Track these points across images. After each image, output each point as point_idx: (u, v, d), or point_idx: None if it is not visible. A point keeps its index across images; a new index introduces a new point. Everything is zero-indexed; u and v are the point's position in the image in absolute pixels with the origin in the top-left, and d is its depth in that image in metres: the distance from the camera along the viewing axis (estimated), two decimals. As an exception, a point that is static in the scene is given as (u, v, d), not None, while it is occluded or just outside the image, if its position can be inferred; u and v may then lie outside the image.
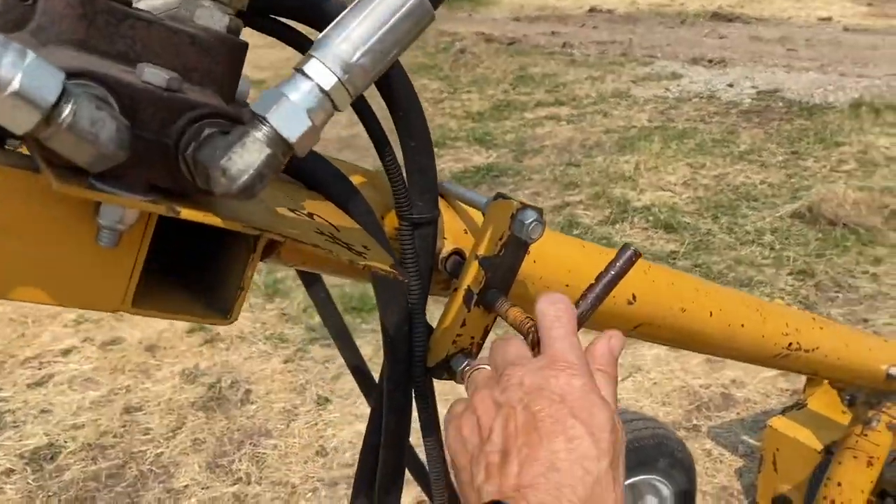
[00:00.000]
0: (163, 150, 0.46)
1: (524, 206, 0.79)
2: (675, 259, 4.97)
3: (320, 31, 0.53)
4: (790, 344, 1.41)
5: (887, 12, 15.20)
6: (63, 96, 0.38)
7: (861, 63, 10.62)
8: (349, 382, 3.81)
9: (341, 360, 4.23)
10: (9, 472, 3.32)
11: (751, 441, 3.29)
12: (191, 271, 0.60)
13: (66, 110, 0.38)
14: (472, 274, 0.82)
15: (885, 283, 4.56)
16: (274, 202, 0.61)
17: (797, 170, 6.48)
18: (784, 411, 2.73)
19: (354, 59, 0.47)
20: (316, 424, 3.54)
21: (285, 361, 4.02)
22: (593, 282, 0.77)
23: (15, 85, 0.36)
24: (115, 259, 0.50)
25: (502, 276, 0.82)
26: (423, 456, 0.96)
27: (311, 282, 1.20)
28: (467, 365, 0.84)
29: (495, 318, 0.85)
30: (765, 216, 5.55)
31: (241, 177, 0.44)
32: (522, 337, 0.78)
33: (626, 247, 0.77)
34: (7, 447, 3.48)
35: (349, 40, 0.46)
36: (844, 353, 1.56)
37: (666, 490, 2.37)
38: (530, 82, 10.43)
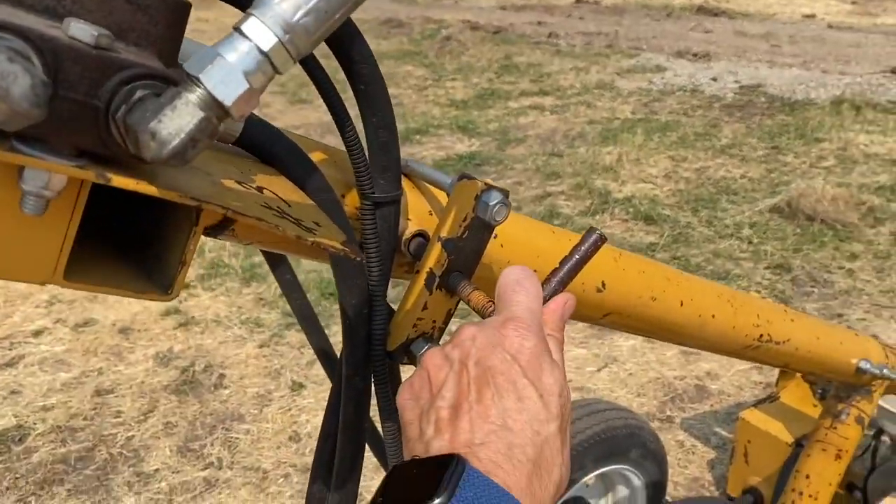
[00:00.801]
0: (92, 113, 0.43)
1: (489, 187, 0.77)
2: (654, 251, 4.97)
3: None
4: (761, 335, 1.41)
5: (871, 10, 15.30)
6: (-27, 55, 0.36)
7: (844, 60, 10.68)
8: (324, 368, 3.79)
9: (316, 346, 4.19)
10: (-24, 453, 3.27)
11: (723, 433, 3.31)
12: (132, 245, 0.58)
13: (-27, 68, 0.36)
14: (434, 256, 0.80)
15: (861, 278, 4.59)
16: (223, 175, 0.59)
17: (777, 165, 6.51)
18: (756, 404, 2.74)
19: (296, 18, 0.44)
20: (290, 410, 3.51)
21: (260, 346, 3.99)
22: (557, 266, 0.75)
23: None
24: (43, 228, 0.47)
25: (465, 259, 0.80)
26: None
27: (277, 263, 1.17)
28: (428, 349, 0.82)
29: (458, 302, 0.83)
30: (744, 210, 5.57)
31: (171, 141, 0.41)
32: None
33: (591, 230, 0.75)
34: (-25, 428, 3.42)
35: (290, -1, 0.44)
36: (815, 346, 1.56)
37: (637, 480, 2.36)
38: (515, 71, 10.40)
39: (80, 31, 0.41)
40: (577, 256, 0.74)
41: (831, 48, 11.64)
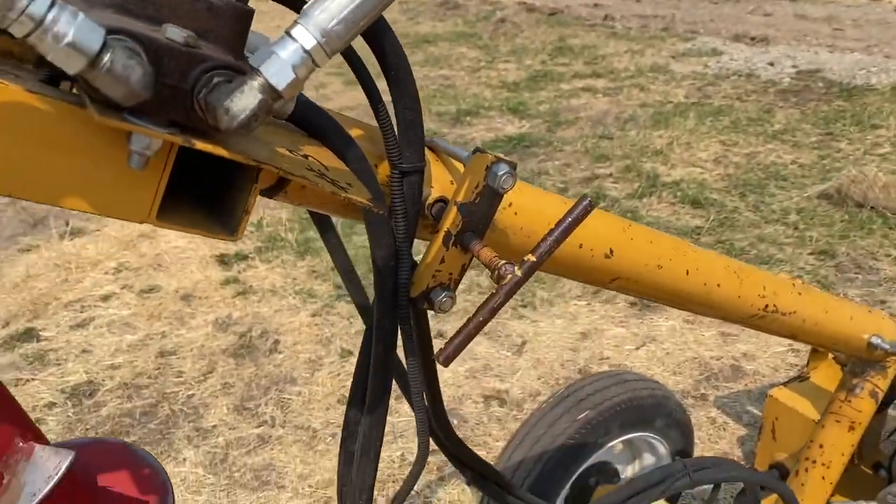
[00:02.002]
0: (182, 94, 0.59)
1: (498, 160, 0.91)
2: (698, 234, 5.02)
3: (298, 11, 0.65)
4: (766, 306, 1.52)
5: (943, -7, 14.75)
6: (104, 47, 0.52)
7: (909, 45, 10.39)
8: (371, 338, 3.98)
9: (364, 316, 4.36)
10: (51, 405, 3.56)
11: (755, 411, 3.39)
12: (208, 198, 0.74)
13: (106, 58, 0.52)
14: (451, 218, 0.94)
15: (907, 267, 4.57)
16: (277, 144, 0.74)
17: (830, 151, 6.44)
18: (786, 383, 2.82)
19: (330, 25, 0.59)
20: (339, 375, 3.71)
21: (313, 315, 4.20)
22: (553, 227, 0.89)
23: (69, 37, 0.49)
24: (144, 179, 0.63)
25: (477, 221, 0.94)
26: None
27: (325, 228, 1.33)
28: (445, 297, 0.97)
29: (471, 258, 0.97)
30: (792, 196, 5.56)
31: (239, 115, 0.57)
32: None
33: (583, 197, 0.89)
34: (49, 382, 3.72)
35: (327, 11, 0.59)
36: (823, 319, 1.65)
37: (662, 448, 2.48)
38: (569, 53, 10.41)
39: (174, 33, 0.57)
40: (569, 219, 0.88)
41: (897, 32, 11.32)
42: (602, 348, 3.87)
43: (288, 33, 0.60)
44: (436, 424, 1.23)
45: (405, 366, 1.04)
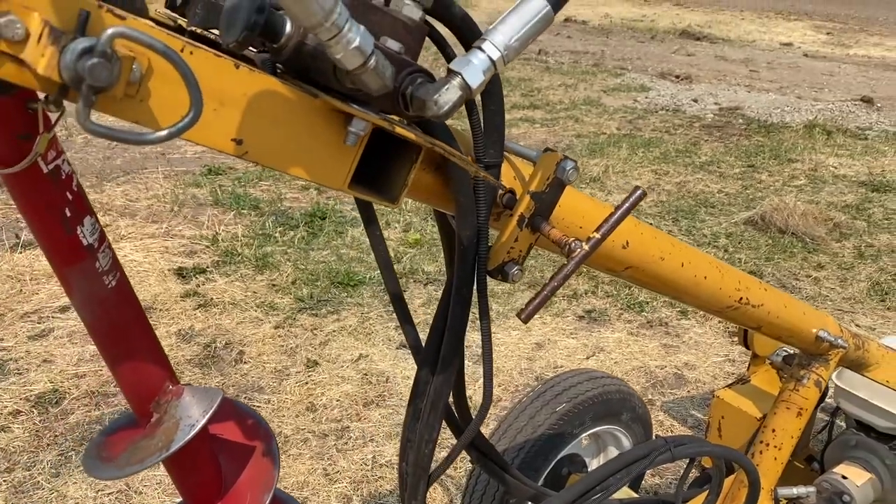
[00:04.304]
0: (392, 90, 0.78)
1: (565, 157, 1.13)
2: (637, 256, 5.35)
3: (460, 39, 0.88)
4: (741, 298, 1.77)
5: (844, 42, 15.97)
6: (373, 52, 0.70)
7: (817, 87, 11.24)
8: (336, 348, 4.12)
9: (329, 328, 4.52)
10: (16, 413, 3.55)
11: (698, 415, 3.68)
12: (371, 173, 0.92)
13: (372, 59, 0.70)
14: (524, 204, 1.15)
15: (825, 286, 5.02)
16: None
17: (752, 182, 6.95)
18: (730, 385, 3.11)
19: (510, 42, 0.79)
20: (306, 384, 3.83)
21: (276, 327, 4.30)
22: (612, 211, 1.10)
23: (356, 42, 0.68)
24: (347, 155, 0.81)
25: (546, 207, 1.15)
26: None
27: (370, 221, 1.50)
28: (517, 270, 1.17)
29: (537, 238, 1.18)
30: (721, 222, 5.99)
31: (446, 105, 0.76)
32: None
33: (636, 188, 1.11)
34: (13, 391, 3.70)
35: (508, 31, 0.79)
36: (783, 313, 1.93)
37: (626, 441, 2.72)
38: (507, 85, 10.80)
39: (393, 44, 0.77)
40: (626, 205, 1.10)
41: (806, 75, 12.21)
42: (556, 357, 4.12)
43: (478, 47, 0.80)
44: (456, 403, 1.41)
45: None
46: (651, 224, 5.81)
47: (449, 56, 1.00)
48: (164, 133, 0.64)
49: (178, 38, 0.70)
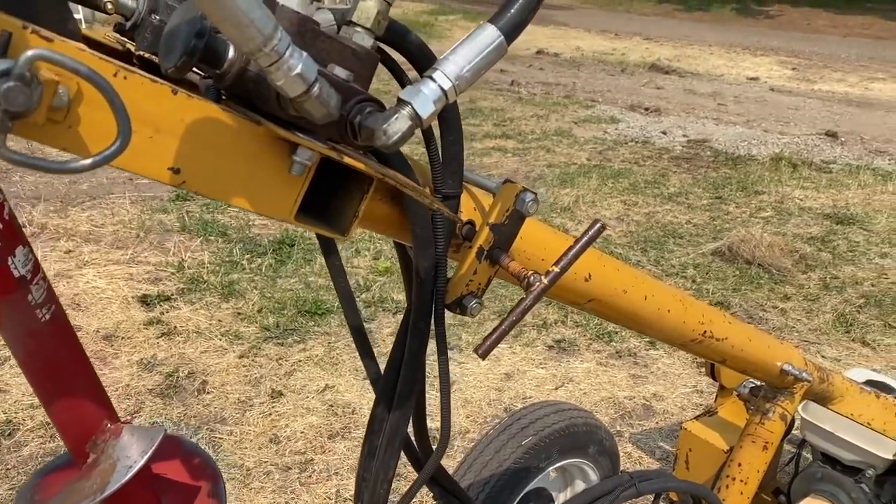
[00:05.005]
0: (340, 119, 0.75)
1: (525, 189, 1.11)
2: (607, 286, 5.36)
3: (416, 68, 0.85)
4: (705, 332, 1.76)
5: (809, 77, 16.33)
6: (316, 79, 0.67)
7: (783, 121, 11.46)
8: (302, 379, 4.05)
9: (294, 359, 4.45)
10: (-33, 445, 3.43)
11: (667, 447, 3.66)
12: (321, 204, 0.89)
13: (316, 87, 0.68)
14: (483, 236, 1.12)
15: (792, 317, 5.05)
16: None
17: (720, 213, 7.03)
18: (697, 417, 3.10)
19: (462, 72, 0.77)
20: (270, 415, 3.75)
21: (240, 357, 4.23)
22: (572, 244, 1.08)
23: (297, 69, 0.65)
24: (293, 185, 0.78)
25: (505, 239, 1.13)
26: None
27: (330, 252, 1.47)
28: (475, 303, 1.14)
29: (496, 271, 1.16)
30: (689, 252, 6.03)
31: (395, 135, 0.74)
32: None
33: (596, 221, 1.09)
34: (-36, 422, 3.58)
35: (460, 61, 0.77)
36: (747, 346, 1.92)
37: (593, 475, 2.69)
38: (479, 115, 10.88)
39: (341, 72, 0.74)
40: (585, 238, 1.08)
41: (772, 109, 12.45)
42: (525, 388, 4.08)
43: (429, 76, 0.78)
44: (416, 437, 1.37)
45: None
46: (619, 254, 5.86)
47: (405, 85, 0.97)
48: (88, 162, 0.61)
49: (112, 63, 0.66)
